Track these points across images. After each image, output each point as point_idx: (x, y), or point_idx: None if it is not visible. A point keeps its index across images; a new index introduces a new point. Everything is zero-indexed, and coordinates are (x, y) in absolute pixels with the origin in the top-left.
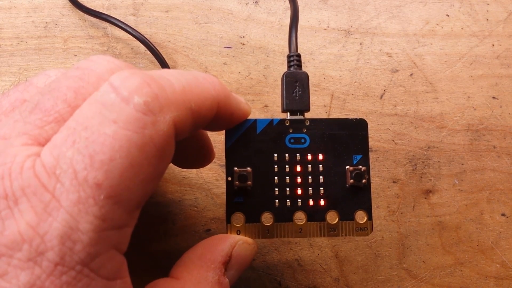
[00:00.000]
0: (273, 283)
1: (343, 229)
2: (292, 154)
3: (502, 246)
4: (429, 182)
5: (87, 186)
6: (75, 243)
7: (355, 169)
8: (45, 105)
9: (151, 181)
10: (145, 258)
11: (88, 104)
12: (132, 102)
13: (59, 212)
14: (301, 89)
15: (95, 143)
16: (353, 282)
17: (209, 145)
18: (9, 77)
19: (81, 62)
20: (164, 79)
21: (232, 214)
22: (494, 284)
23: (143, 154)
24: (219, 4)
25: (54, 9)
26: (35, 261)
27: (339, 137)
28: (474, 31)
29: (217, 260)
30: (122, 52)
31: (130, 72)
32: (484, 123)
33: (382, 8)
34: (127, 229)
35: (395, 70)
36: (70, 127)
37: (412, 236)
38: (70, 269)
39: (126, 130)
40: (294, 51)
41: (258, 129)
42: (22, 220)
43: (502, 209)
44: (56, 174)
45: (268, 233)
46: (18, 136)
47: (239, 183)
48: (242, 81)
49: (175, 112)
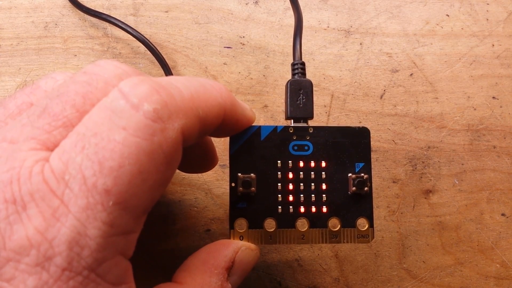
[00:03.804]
0: (273, 283)
1: (345, 236)
2: (295, 161)
3: (502, 246)
4: (429, 182)
5: (96, 192)
6: (83, 248)
7: (357, 177)
8: (53, 109)
9: (158, 187)
10: (145, 258)
11: (98, 110)
12: (142, 109)
13: (68, 217)
14: (305, 97)
15: (104, 149)
16: (353, 282)
17: (213, 150)
18: (9, 77)
19: (88, 66)
20: (173, 87)
21: (235, 220)
22: (494, 284)
23: (152, 161)
24: (219, 4)
25: (54, 9)
26: (42, 266)
27: (342, 145)
28: (474, 31)
29: (220, 265)
30: (122, 52)
31: (140, 79)
32: (484, 123)
33: (382, 8)
34: (133, 235)
35: (395, 70)
36: (80, 133)
37: (412, 236)
38: (77, 274)
39: (135, 137)
40: (298, 59)
41: (262, 136)
42: (30, 225)
43: (502, 209)
44: (65, 179)
45: (270, 239)
46: (26, 141)
47: (243, 189)
48: (242, 81)
49: (183, 119)
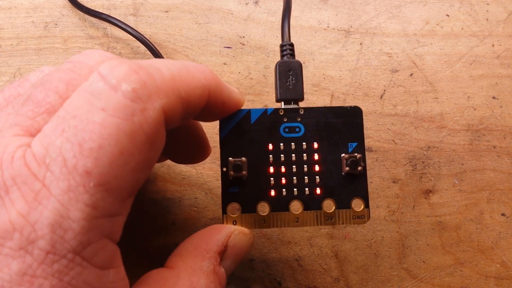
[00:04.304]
0: (273, 283)
1: (340, 218)
2: (287, 143)
3: (502, 246)
4: (429, 182)
5: (76, 174)
6: (66, 231)
7: (350, 157)
8: (36, 97)
9: (142, 169)
10: (145, 258)
11: (77, 94)
12: (120, 89)
13: (50, 200)
14: (295, 78)
15: (83, 131)
16: (353, 282)
17: (203, 137)
18: (9, 77)
19: (73, 56)
20: (153, 67)
21: (227, 205)
22: (494, 284)
23: (133, 141)
24: (219, 4)
25: (54, 9)
26: (26, 249)
27: (334, 125)
28: (474, 31)
29: (212, 249)
30: (122, 52)
31: (119, 61)
32: (484, 123)
33: (382, 8)
34: (119, 218)
35: (395, 70)
36: (60, 117)
37: (412, 236)
38: (61, 257)
39: (114, 118)
40: (287, 40)
41: (252, 119)
42: (13, 209)
43: (502, 209)
44: (46, 163)
45: (264, 223)
46: (10, 128)
47: (234, 173)
48: (242, 81)
49: (164, 99)
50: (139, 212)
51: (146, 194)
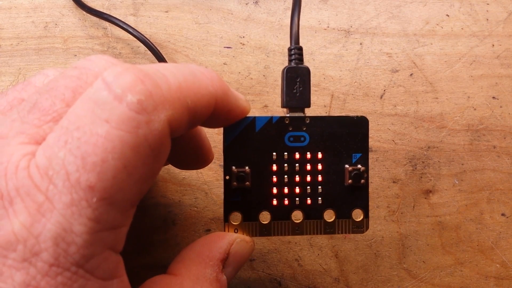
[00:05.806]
0: (273, 283)
1: (340, 227)
2: (291, 152)
3: (502, 246)
4: (429, 182)
5: (79, 188)
6: (69, 245)
7: (354, 170)
8: (43, 104)
9: (145, 180)
10: (145, 258)
11: (81, 102)
12: (125, 100)
13: (52, 213)
14: (302, 86)
15: (87, 144)
16: (353, 282)
17: (206, 144)
18: (9, 77)
19: (79, 61)
20: (159, 75)
21: (229, 213)
22: (494, 284)
23: (137, 154)
24: (219, 4)
25: (54, 9)
26: (30, 261)
27: (339, 135)
28: (474, 31)
29: (215, 257)
30: (122, 52)
31: (124, 68)
32: (484, 123)
33: (382, 8)
34: (122, 229)
35: (395, 70)
36: (63, 127)
37: (412, 236)
38: (65, 270)
39: (119, 130)
40: (295, 44)
41: (257, 127)
42: (17, 221)
43: (502, 209)
44: (49, 175)
45: (265, 231)
46: (15, 136)
47: (237, 183)
48: (242, 81)
49: (170, 110)
50: (139, 212)
51: (146, 194)
